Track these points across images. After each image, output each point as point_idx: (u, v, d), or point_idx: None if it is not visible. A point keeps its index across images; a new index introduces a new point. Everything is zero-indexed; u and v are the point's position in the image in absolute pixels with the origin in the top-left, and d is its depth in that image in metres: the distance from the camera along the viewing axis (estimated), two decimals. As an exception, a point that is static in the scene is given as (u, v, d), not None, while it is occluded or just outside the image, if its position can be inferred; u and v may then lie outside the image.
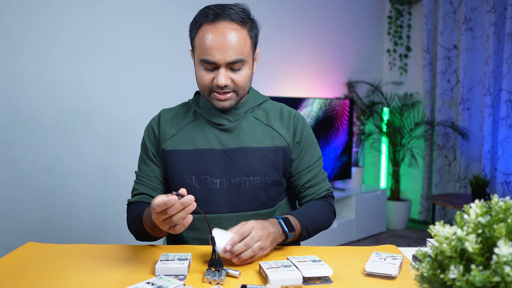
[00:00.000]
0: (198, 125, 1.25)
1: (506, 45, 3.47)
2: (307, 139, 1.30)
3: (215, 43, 1.12)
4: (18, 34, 2.08)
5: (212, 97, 1.20)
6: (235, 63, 1.15)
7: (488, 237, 0.62)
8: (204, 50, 1.14)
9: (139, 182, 1.28)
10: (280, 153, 1.25)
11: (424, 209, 4.14)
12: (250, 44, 1.18)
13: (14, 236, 2.09)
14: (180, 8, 2.73)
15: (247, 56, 1.17)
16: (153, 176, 1.27)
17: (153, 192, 1.26)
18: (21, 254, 1.09)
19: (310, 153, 1.30)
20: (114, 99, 2.45)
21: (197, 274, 0.98)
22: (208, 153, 1.22)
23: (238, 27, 1.15)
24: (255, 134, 1.24)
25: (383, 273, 0.97)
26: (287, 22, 3.50)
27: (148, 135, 1.29)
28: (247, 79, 1.19)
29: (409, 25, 4.35)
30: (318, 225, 1.24)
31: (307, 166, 1.29)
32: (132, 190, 1.28)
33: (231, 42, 1.13)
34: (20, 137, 2.10)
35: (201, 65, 1.17)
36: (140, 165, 1.29)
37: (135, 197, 1.26)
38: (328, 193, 1.32)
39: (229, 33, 1.13)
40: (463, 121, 3.86)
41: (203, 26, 1.15)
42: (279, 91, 3.45)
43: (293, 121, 1.28)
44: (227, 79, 1.15)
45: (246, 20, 1.17)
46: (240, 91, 1.20)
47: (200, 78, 1.18)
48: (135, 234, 1.22)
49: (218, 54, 1.13)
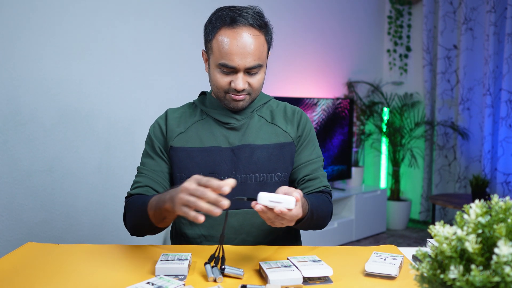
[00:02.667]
0: (205, 124, 1.27)
1: (506, 45, 3.47)
2: (308, 134, 1.31)
3: (235, 48, 1.14)
4: (18, 34, 2.08)
5: (227, 98, 1.22)
6: (253, 68, 1.17)
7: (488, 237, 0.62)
8: (224, 55, 1.15)
9: (142, 175, 1.24)
10: (285, 149, 1.26)
11: (424, 209, 4.14)
12: (266, 50, 1.21)
13: (14, 236, 2.09)
14: (181, 8, 2.73)
15: (264, 61, 1.21)
16: (159, 170, 1.25)
17: (157, 185, 1.23)
18: (21, 254, 1.09)
19: (309, 148, 1.31)
20: (114, 99, 2.45)
21: (197, 274, 0.98)
22: (216, 151, 1.23)
23: (258, 33, 1.17)
24: (260, 132, 1.26)
25: (383, 273, 0.97)
26: (287, 22, 3.50)
27: (154, 132, 1.29)
28: (262, 82, 1.23)
29: (409, 25, 4.35)
30: (318, 213, 1.19)
31: (306, 160, 1.29)
32: (133, 183, 1.24)
33: (251, 48, 1.15)
34: (20, 137, 2.10)
35: (218, 68, 1.18)
36: (144, 160, 1.27)
37: (137, 189, 1.22)
38: (326, 190, 1.30)
39: (249, 39, 1.15)
40: (463, 121, 3.86)
41: (222, 29, 1.16)
42: (279, 91, 3.45)
43: (296, 117, 1.31)
44: (244, 83, 1.18)
45: (263, 25, 1.19)
46: (254, 94, 1.23)
47: (216, 81, 1.20)
48: (132, 225, 1.17)
49: (238, 59, 1.15)
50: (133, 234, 1.20)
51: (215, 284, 0.92)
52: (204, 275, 0.96)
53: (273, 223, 0.98)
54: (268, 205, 0.92)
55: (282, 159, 1.26)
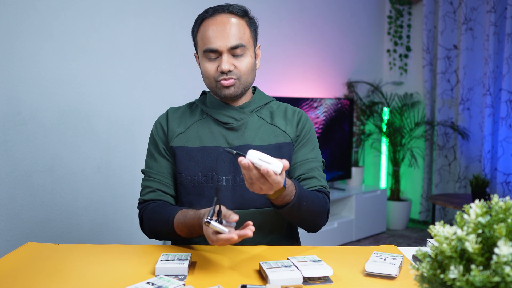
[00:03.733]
0: (204, 124, 1.27)
1: (506, 45, 3.47)
2: (307, 134, 1.30)
3: (215, 31, 1.19)
4: (18, 34, 2.08)
5: (218, 87, 1.22)
6: (236, 48, 1.19)
7: (488, 237, 0.62)
8: (206, 41, 1.20)
9: (150, 179, 1.27)
10: (284, 149, 1.26)
11: (424, 209, 4.14)
12: (249, 33, 1.24)
13: (14, 236, 2.09)
14: (181, 8, 2.73)
15: (248, 43, 1.22)
16: (166, 172, 1.27)
17: (166, 188, 1.26)
18: (21, 254, 1.09)
19: (307, 147, 1.29)
20: (114, 99, 2.45)
21: (197, 274, 0.98)
22: (215, 151, 1.23)
23: (238, 18, 1.22)
24: (259, 133, 1.26)
25: (383, 273, 0.97)
26: (287, 22, 3.50)
27: (156, 131, 1.30)
28: (250, 67, 1.23)
29: (409, 25, 4.35)
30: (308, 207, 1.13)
31: (303, 159, 1.27)
32: (143, 188, 1.27)
33: (230, 29, 1.19)
34: (20, 137, 2.10)
35: (204, 56, 1.22)
36: (149, 162, 1.29)
37: (149, 194, 1.25)
38: (323, 189, 1.25)
39: (228, 22, 1.20)
40: (463, 121, 3.86)
41: (204, 21, 1.22)
42: (279, 91, 3.45)
43: (297, 117, 1.31)
44: (230, 64, 1.19)
45: (244, 14, 1.24)
46: (243, 78, 1.23)
47: (205, 71, 1.23)
48: (153, 234, 1.22)
49: (219, 41, 1.18)
50: (153, 238, 1.24)
51: (215, 284, 0.92)
52: (204, 275, 0.96)
53: (252, 185, 0.97)
54: (256, 163, 0.91)
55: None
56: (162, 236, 1.21)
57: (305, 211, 1.13)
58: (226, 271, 0.99)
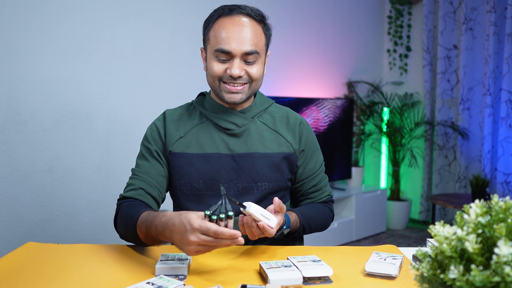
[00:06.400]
0: (204, 129, 1.24)
1: (506, 45, 3.47)
2: (311, 146, 1.30)
3: (232, 32, 1.14)
4: (18, 34, 2.08)
5: (222, 89, 1.19)
6: (250, 55, 1.16)
7: (488, 237, 0.62)
8: (220, 40, 1.15)
9: (136, 177, 1.21)
10: (287, 159, 1.25)
11: (424, 209, 4.14)
12: (264, 41, 1.21)
13: (14, 236, 2.09)
14: (181, 7, 2.73)
15: (261, 50, 1.19)
16: (154, 173, 1.21)
17: (150, 188, 1.19)
18: (21, 254, 1.09)
19: (314, 160, 1.31)
20: (114, 99, 2.45)
21: (197, 274, 0.98)
22: (216, 158, 1.21)
23: (255, 23, 1.18)
24: (262, 139, 1.24)
25: (383, 273, 0.97)
26: (287, 22, 3.50)
27: (152, 134, 1.26)
28: (260, 74, 1.21)
29: (409, 25, 4.35)
30: (316, 226, 1.28)
31: (311, 173, 1.30)
32: (127, 185, 1.21)
33: (248, 33, 1.15)
34: (20, 137, 2.10)
35: (215, 56, 1.17)
36: (139, 162, 1.24)
37: (130, 192, 1.18)
38: (329, 198, 1.35)
39: (247, 25, 1.16)
40: (463, 121, 3.86)
41: (220, 18, 1.18)
42: (279, 91, 3.45)
43: (299, 128, 1.29)
44: (241, 70, 1.16)
45: (261, 18, 1.20)
46: (253, 84, 1.20)
47: (211, 69, 1.18)
48: (122, 233, 1.14)
49: (234, 43, 1.14)
50: (123, 238, 1.16)
51: (215, 284, 0.92)
52: (204, 275, 0.96)
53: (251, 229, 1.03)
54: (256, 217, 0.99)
55: (283, 169, 1.25)
56: (127, 237, 1.12)
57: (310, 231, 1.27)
58: (226, 271, 0.99)
